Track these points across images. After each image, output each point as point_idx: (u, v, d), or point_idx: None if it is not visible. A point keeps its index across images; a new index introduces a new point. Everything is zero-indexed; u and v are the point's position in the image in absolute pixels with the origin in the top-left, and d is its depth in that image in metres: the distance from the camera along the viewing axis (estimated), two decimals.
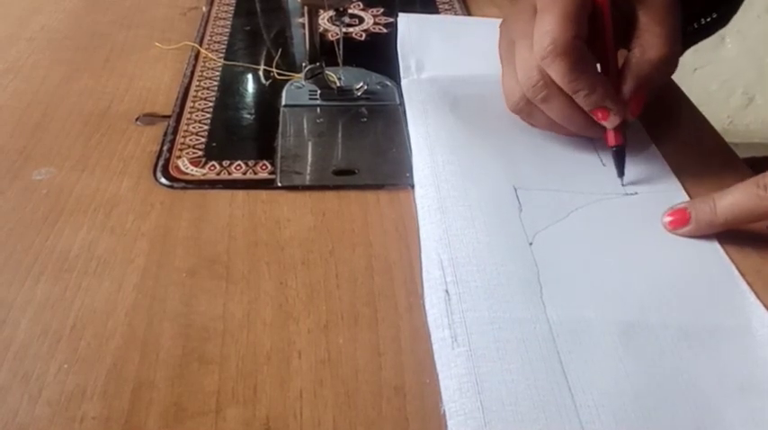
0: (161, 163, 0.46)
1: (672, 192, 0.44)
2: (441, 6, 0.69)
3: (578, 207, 0.42)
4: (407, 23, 0.63)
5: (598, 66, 0.45)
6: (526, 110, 0.46)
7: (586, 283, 0.37)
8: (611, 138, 0.45)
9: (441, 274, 0.37)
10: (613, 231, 0.41)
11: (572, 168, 0.46)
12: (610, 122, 0.44)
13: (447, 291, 0.36)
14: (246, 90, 0.56)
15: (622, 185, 0.44)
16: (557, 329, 0.34)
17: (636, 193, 0.44)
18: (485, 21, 0.66)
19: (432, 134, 0.47)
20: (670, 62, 0.45)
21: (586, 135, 0.46)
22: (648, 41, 0.44)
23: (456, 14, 0.68)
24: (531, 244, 0.39)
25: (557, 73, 0.42)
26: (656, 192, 0.44)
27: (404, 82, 0.54)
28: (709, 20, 0.57)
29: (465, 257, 0.38)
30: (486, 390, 0.31)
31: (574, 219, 0.41)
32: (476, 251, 0.38)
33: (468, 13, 0.68)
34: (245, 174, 0.45)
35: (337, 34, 0.60)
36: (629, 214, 0.42)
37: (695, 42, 0.60)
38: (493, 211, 0.41)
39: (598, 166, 0.46)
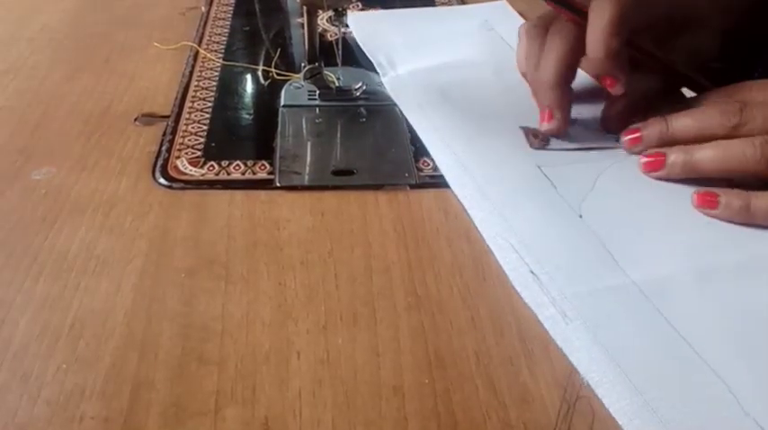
0: (160, 163, 0.46)
1: None
2: (440, 5, 0.70)
3: (600, 173, 0.44)
4: (358, 22, 0.64)
5: None
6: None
7: (646, 242, 0.39)
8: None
9: (518, 257, 0.38)
10: (641, 187, 0.43)
11: (576, 138, 0.48)
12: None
13: (533, 272, 0.37)
14: (245, 90, 0.56)
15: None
16: (646, 290, 0.36)
17: None
18: (431, 10, 0.68)
19: (439, 127, 0.49)
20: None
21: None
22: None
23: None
24: (581, 216, 0.41)
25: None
26: None
27: (384, 80, 0.55)
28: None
29: (531, 239, 0.39)
30: (619, 356, 0.33)
31: (601, 185, 0.43)
32: (538, 232, 0.40)
33: None
34: (243, 174, 0.45)
35: (336, 34, 0.60)
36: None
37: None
38: (533, 192, 0.43)
39: (598, 132, 0.48)
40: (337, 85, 0.54)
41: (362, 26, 0.63)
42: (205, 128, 0.50)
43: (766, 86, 0.43)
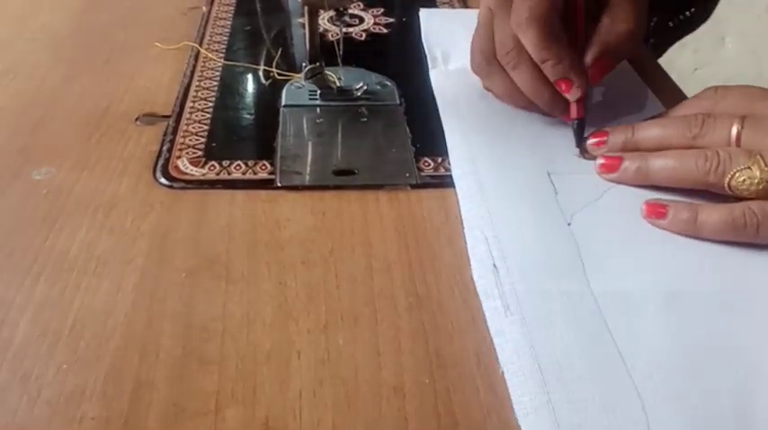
0: (161, 163, 0.46)
1: None
2: (441, 7, 0.70)
3: (610, 187, 0.44)
4: (429, 17, 0.65)
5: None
6: (486, 71, 0.50)
7: (625, 258, 0.39)
8: (573, 112, 0.47)
9: (486, 249, 0.39)
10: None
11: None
12: (572, 94, 0.46)
13: (495, 265, 0.37)
14: (246, 90, 0.55)
15: (578, 156, 0.46)
16: (601, 302, 0.36)
17: None
18: None
19: (466, 121, 0.49)
20: (634, 37, 0.47)
21: (546, 111, 0.48)
22: (617, 15, 0.47)
23: None
24: (569, 224, 0.41)
25: (529, 40, 0.44)
26: None
27: (432, 72, 0.56)
28: (687, 14, 0.58)
29: (508, 235, 0.40)
30: (543, 355, 0.33)
31: (607, 199, 0.43)
32: (518, 230, 0.40)
33: None
34: (244, 174, 0.45)
35: (337, 34, 0.60)
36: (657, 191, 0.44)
37: (678, 38, 0.61)
38: (530, 194, 0.43)
39: None
40: (338, 84, 0.54)
41: (432, 21, 0.64)
42: (206, 128, 0.50)
43: (738, 93, 0.43)
